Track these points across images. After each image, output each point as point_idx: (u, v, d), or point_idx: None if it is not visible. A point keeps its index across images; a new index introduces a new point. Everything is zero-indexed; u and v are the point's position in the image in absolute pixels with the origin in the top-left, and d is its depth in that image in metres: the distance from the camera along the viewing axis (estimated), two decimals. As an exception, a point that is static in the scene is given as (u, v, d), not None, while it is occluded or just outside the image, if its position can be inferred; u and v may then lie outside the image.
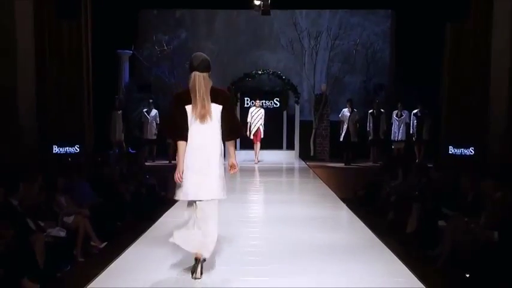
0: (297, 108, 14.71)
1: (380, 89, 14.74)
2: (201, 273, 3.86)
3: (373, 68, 14.94)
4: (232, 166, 4.01)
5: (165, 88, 14.60)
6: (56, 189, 5.47)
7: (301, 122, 14.75)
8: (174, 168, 3.95)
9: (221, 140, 3.90)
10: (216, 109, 3.88)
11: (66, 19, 10.20)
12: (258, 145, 12.50)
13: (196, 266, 3.85)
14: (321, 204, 7.06)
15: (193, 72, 3.94)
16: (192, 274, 3.86)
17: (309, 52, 14.48)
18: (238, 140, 14.69)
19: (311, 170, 11.47)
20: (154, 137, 13.07)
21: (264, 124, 12.67)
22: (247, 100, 14.97)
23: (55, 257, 4.58)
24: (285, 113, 15.22)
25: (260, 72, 14.48)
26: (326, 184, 8.96)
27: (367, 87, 14.99)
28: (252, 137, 12.41)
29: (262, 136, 12.54)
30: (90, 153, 10.71)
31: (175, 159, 4.05)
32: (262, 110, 12.68)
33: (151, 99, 13.63)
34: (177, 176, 3.87)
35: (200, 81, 3.90)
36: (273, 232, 5.57)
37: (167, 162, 12.86)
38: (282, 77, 14.56)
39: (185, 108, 3.87)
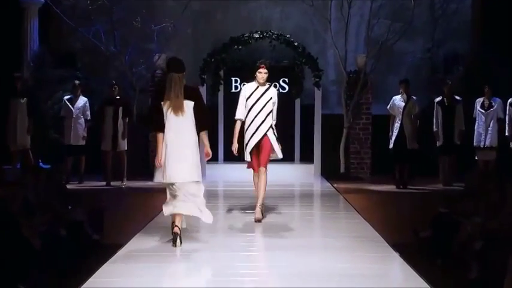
0: (318, 94, 14.70)
1: (455, 62, 14.74)
2: (181, 242, 7.14)
3: (443, 28, 14.93)
4: (206, 154, 7.44)
5: (99, 61, 14.56)
6: None
7: (324, 116, 14.73)
8: (117, 192, 7.83)
9: (195, 131, 7.24)
10: (189, 105, 7.19)
11: None
12: (261, 178, 8.89)
13: (175, 238, 7.12)
14: (360, 253, 7.02)
15: (171, 74, 7.16)
16: (173, 243, 7.11)
17: (337, 3, 14.47)
18: (221, 151, 14.81)
19: (341, 197, 11.42)
20: (83, 143, 13.03)
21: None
22: (235, 81, 14.96)
23: None
24: (297, 102, 15.23)
25: (257, 36, 14.48)
26: (366, 220, 8.91)
27: (433, 59, 14.99)
28: (248, 157, 8.96)
29: (269, 153, 8.96)
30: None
31: (120, 180, 11.94)
32: (272, 92, 9.00)
33: (78, 79, 13.57)
34: (157, 162, 7.21)
35: (176, 81, 7.12)
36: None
37: (103, 184, 12.78)
38: (293, 43, 14.55)
39: (161, 104, 7.16)
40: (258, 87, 8.85)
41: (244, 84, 9.74)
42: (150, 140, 14.19)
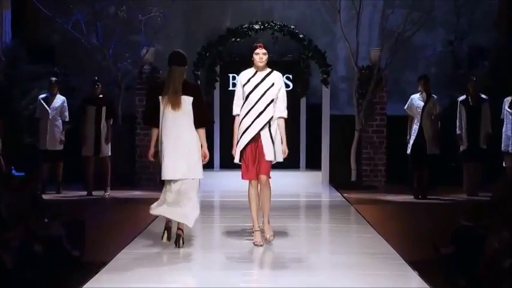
0: (326, 92, 14.72)
1: (480, 57, 14.74)
2: (183, 243, 7.85)
3: (467, 18, 14.94)
4: (203, 155, 7.91)
5: (80, 55, 14.56)
6: None
7: (333, 118, 14.76)
8: (99, 203, 9.82)
9: (193, 128, 7.81)
10: (188, 100, 7.78)
11: None
12: (263, 191, 8.17)
13: (179, 240, 7.84)
14: (373, 272, 7.03)
15: (172, 66, 7.83)
16: (176, 244, 7.84)
17: (348, -10, 14.51)
18: (217, 157, 14.80)
19: (353, 208, 11.44)
20: (60, 147, 13.03)
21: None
22: (233, 78, 14.96)
23: None
24: (303, 101, 15.25)
25: (257, 27, 14.50)
26: (381, 234, 8.92)
27: (456, 53, 14.99)
28: (237, 159, 8.17)
29: (270, 158, 8.08)
30: None
31: (103, 189, 12.64)
32: (274, 77, 8.19)
33: (55, 75, 13.56)
34: (149, 155, 8.16)
35: (176, 74, 7.78)
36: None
37: (84, 194, 12.78)
38: (298, 35, 14.56)
39: (158, 98, 7.82)
40: (256, 72, 8.12)
41: (237, 76, 8.74)
42: (138, 145, 14.22)
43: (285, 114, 8.13)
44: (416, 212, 11.43)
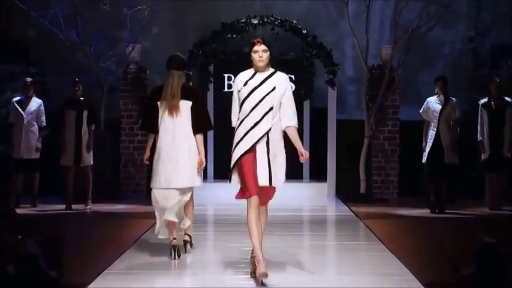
0: (333, 94, 14.72)
1: (503, 55, 14.76)
2: (179, 256, 8.28)
3: (489, 12, 14.95)
4: (199, 163, 8.27)
5: (59, 54, 14.55)
6: None
7: (341, 123, 14.75)
8: (80, 217, 10.62)
9: (192, 133, 8.25)
10: (187, 105, 8.22)
11: None
12: (263, 215, 7.56)
13: (174, 251, 8.25)
14: (385, 296, 6.98)
15: (170, 70, 8.23)
16: (171, 256, 8.24)
17: (356, -18, 14.55)
18: (210, 167, 14.80)
19: (362, 224, 11.45)
20: (37, 156, 13.03)
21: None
22: (229, 78, 14.97)
23: None
24: (306, 104, 15.25)
25: (256, 22, 14.51)
26: (393, 252, 8.93)
27: (477, 51, 14.99)
28: (234, 177, 7.52)
29: (263, 184, 7.46)
30: None
31: (84, 202, 12.82)
32: (277, 80, 7.43)
33: (30, 75, 13.54)
34: (144, 158, 8.61)
35: (174, 78, 8.19)
36: None
37: (63, 207, 12.76)
38: (300, 30, 14.57)
39: (157, 104, 8.25)
40: (255, 73, 7.41)
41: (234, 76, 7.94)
42: (123, 153, 14.21)
43: (293, 122, 7.46)
44: (433, 227, 11.41)
